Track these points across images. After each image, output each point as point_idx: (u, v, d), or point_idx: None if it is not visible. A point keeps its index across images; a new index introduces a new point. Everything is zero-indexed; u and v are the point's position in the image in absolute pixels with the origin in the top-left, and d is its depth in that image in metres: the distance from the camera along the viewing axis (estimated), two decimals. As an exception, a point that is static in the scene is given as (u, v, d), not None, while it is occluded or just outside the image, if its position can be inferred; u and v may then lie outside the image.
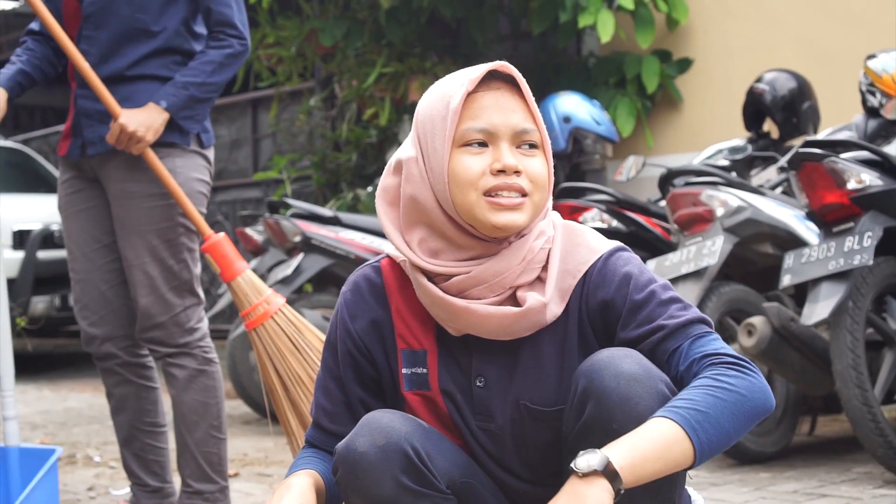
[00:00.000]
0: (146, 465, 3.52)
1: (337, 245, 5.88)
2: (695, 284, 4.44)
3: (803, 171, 4.18)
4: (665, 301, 1.93)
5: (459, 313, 1.94)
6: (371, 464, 1.86)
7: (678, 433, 1.76)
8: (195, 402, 3.40)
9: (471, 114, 1.93)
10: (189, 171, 3.39)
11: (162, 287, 3.35)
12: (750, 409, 1.82)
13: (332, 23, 7.43)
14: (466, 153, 1.92)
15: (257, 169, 10.12)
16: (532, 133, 1.94)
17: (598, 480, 1.72)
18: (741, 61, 6.98)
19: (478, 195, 1.91)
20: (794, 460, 4.52)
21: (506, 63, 1.96)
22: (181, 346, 3.38)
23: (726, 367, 1.84)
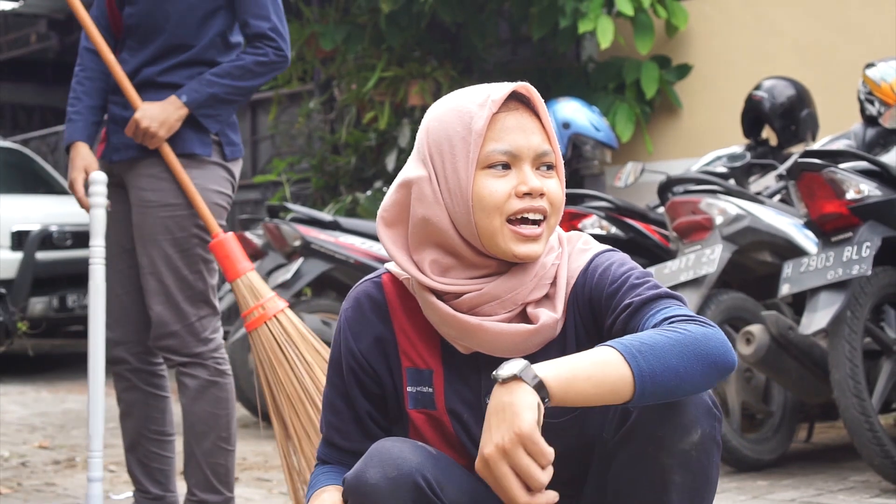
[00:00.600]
0: (149, 473, 3.53)
1: (336, 249, 5.89)
2: (694, 292, 4.45)
3: (802, 180, 4.20)
4: (637, 284, 1.91)
5: (471, 331, 1.93)
6: (383, 496, 1.84)
7: (614, 357, 1.73)
8: (205, 413, 3.38)
9: (493, 135, 1.91)
10: (207, 182, 3.39)
11: (176, 296, 3.34)
12: (705, 354, 1.77)
13: (333, 27, 7.45)
14: (490, 176, 1.91)
15: (256, 171, 10.13)
16: (550, 155, 1.94)
17: (519, 386, 1.70)
18: (740, 68, 7.00)
19: (501, 221, 1.90)
20: (792, 468, 4.54)
21: (527, 84, 1.94)
22: (194, 355, 3.37)
23: (686, 320, 1.81)
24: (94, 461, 3.44)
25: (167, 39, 3.39)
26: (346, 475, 1.91)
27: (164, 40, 3.39)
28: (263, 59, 3.38)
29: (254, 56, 3.37)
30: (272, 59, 3.39)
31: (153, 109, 3.31)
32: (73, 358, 10.02)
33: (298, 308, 5.84)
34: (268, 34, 3.37)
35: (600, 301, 1.93)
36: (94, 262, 3.47)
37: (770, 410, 4.64)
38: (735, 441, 4.43)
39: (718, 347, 1.79)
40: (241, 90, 3.39)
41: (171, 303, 3.34)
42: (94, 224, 3.49)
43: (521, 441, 1.68)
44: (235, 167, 3.50)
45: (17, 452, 5.34)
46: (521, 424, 1.67)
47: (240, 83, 3.37)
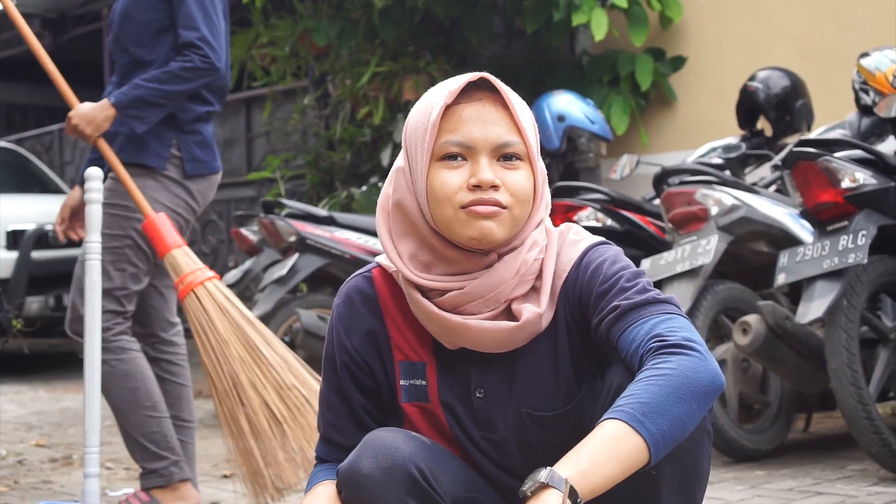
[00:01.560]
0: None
1: (332, 245, 5.88)
2: (689, 283, 4.45)
3: (797, 170, 4.19)
4: (627, 287, 1.90)
5: (455, 329, 1.93)
6: (376, 486, 1.85)
7: (624, 430, 1.72)
8: (122, 391, 3.64)
9: (450, 126, 1.90)
10: (157, 194, 3.69)
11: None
12: (697, 390, 1.76)
13: (326, 22, 7.43)
14: (444, 167, 1.90)
15: (251, 168, 10.12)
16: (514, 145, 1.90)
17: (546, 493, 1.68)
18: (735, 59, 6.99)
19: (454, 210, 1.89)
20: (790, 458, 4.53)
21: (486, 74, 1.92)
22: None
23: (667, 353, 1.79)
24: (90, 457, 3.45)
25: (129, 58, 3.75)
26: (340, 466, 1.91)
27: (127, 60, 3.76)
28: (189, 65, 3.62)
29: (181, 63, 3.63)
30: (198, 66, 3.63)
31: (84, 108, 3.66)
32: (70, 357, 10.00)
33: (295, 304, 5.84)
34: (195, 43, 3.63)
35: (589, 299, 1.93)
36: (90, 257, 3.48)
37: (767, 401, 4.64)
38: (732, 431, 4.42)
39: (707, 377, 1.78)
40: (167, 94, 3.62)
41: (83, 292, 3.54)
42: (90, 220, 3.51)
43: None
44: (197, 183, 3.75)
45: (14, 451, 5.34)
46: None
47: (166, 87, 3.62)
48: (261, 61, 8.09)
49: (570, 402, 1.97)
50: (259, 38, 7.92)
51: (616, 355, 1.90)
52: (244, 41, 7.98)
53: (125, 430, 3.68)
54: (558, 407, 1.96)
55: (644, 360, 1.80)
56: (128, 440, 3.68)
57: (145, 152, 3.69)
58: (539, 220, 1.98)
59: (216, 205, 10.58)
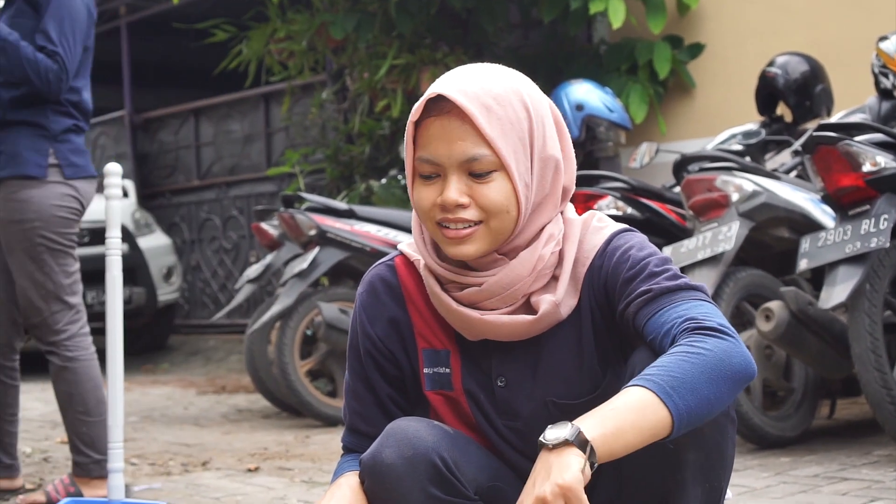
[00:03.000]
0: (5, 447, 4.18)
1: (352, 238, 5.89)
2: (711, 270, 4.43)
3: (818, 154, 4.17)
4: (656, 272, 1.88)
5: (474, 324, 1.94)
6: (399, 476, 1.85)
7: (652, 400, 1.71)
8: (62, 392, 4.00)
9: (423, 142, 1.90)
10: (45, 199, 3.93)
11: (33, 295, 3.94)
12: (730, 374, 1.75)
13: (343, 16, 7.42)
14: (421, 184, 1.91)
15: (271, 163, 10.13)
16: (483, 158, 1.86)
17: (568, 450, 1.68)
18: (753, 45, 6.96)
19: (433, 225, 1.90)
20: (815, 444, 4.52)
21: (447, 87, 1.87)
22: (49, 343, 3.98)
23: (703, 334, 1.78)
24: (114, 452, 3.47)
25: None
26: (363, 456, 1.91)
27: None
28: (53, 68, 3.89)
29: (48, 63, 3.89)
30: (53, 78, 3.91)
31: None
32: (94, 354, 10.05)
33: (316, 297, 5.85)
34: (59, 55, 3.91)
35: (616, 285, 1.91)
36: (111, 253, 3.50)
37: (791, 387, 4.62)
38: (757, 418, 4.41)
39: (740, 362, 1.77)
40: (18, 59, 3.85)
41: (29, 301, 3.95)
42: (110, 216, 3.53)
43: (563, 493, 1.66)
44: (80, 184, 4.02)
45: (39, 448, 5.37)
46: (565, 476, 1.66)
47: (23, 56, 3.85)
48: (278, 56, 8.09)
49: (594, 389, 1.96)
50: (276, 32, 7.92)
51: (640, 341, 1.89)
52: (262, 36, 7.98)
53: (63, 423, 4.05)
54: (583, 395, 1.96)
55: (678, 339, 1.79)
56: (67, 430, 4.03)
57: (25, 164, 3.94)
58: (551, 216, 1.95)
59: (237, 200, 10.61)
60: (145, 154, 11.67)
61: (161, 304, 9.60)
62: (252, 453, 5.09)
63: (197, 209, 11.05)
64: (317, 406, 5.83)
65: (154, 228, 9.88)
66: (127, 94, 11.51)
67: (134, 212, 9.68)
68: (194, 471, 4.70)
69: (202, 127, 11.17)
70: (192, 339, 10.46)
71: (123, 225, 9.02)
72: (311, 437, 5.53)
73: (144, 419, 6.49)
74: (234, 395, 7.56)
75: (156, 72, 13.23)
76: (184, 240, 11.08)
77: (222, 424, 6.22)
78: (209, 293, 10.90)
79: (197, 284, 11.02)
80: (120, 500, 3.48)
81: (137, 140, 11.65)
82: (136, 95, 11.65)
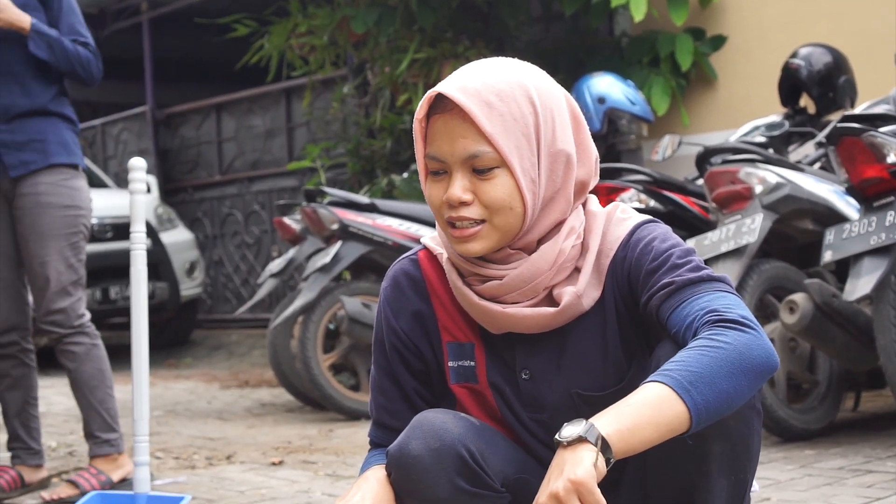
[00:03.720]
0: (30, 432, 4.22)
1: (374, 232, 5.89)
2: (735, 262, 4.42)
3: (842, 145, 4.15)
4: (679, 264, 1.88)
5: (496, 317, 1.94)
6: (426, 468, 1.85)
7: (669, 395, 1.70)
8: (94, 370, 4.12)
9: (430, 139, 1.91)
10: (87, 189, 4.16)
11: (65, 281, 4.04)
12: (750, 367, 1.74)
13: (364, 10, 7.42)
14: (431, 180, 1.93)
15: (292, 157, 10.15)
16: (485, 156, 1.86)
17: (581, 446, 1.68)
18: (776, 37, 6.93)
19: (443, 222, 1.92)
20: (839, 437, 4.50)
21: (446, 87, 1.88)
22: (76, 327, 4.08)
23: (724, 326, 1.77)
24: (140, 446, 3.49)
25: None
26: (389, 448, 1.91)
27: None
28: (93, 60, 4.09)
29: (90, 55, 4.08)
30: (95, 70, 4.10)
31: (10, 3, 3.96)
32: (117, 350, 10.07)
33: (339, 291, 5.86)
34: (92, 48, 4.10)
35: (639, 276, 1.91)
36: (136, 247, 3.53)
37: (816, 379, 4.60)
38: (781, 411, 4.39)
39: (761, 355, 1.76)
40: (69, 58, 4.00)
41: (61, 286, 4.03)
42: (135, 210, 3.55)
43: (576, 489, 1.66)
44: None
45: (64, 442, 5.40)
46: (578, 472, 1.66)
47: (72, 54, 4.01)
48: (299, 51, 8.10)
49: (620, 381, 1.96)
50: (297, 27, 7.94)
51: (664, 333, 1.88)
52: (283, 31, 7.99)
53: (88, 404, 4.12)
54: (609, 386, 1.96)
55: (699, 333, 1.78)
56: (89, 413, 4.12)
57: (74, 154, 4.11)
58: (565, 209, 1.93)
59: (258, 195, 10.64)
60: (167, 149, 11.71)
61: (184, 299, 9.64)
62: (276, 447, 5.11)
63: (219, 204, 11.08)
64: (340, 400, 5.84)
65: (176, 223, 9.92)
66: (149, 89, 11.54)
67: (156, 207, 9.72)
68: (219, 464, 4.71)
69: (224, 122, 11.20)
70: (214, 333, 10.49)
71: (146, 220, 9.05)
72: (334, 431, 5.54)
73: (168, 413, 6.52)
74: (258, 389, 7.58)
75: (178, 67, 13.27)
76: (206, 235, 11.11)
77: (246, 418, 6.24)
78: (231, 288, 10.94)
79: (219, 279, 11.05)
80: (146, 494, 3.50)
81: (159, 135, 11.69)
82: (158, 91, 11.68)
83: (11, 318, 4.13)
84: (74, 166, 4.10)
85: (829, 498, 3.46)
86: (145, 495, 3.50)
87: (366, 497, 1.90)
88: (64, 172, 4.06)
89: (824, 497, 3.48)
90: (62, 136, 4.07)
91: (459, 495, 1.86)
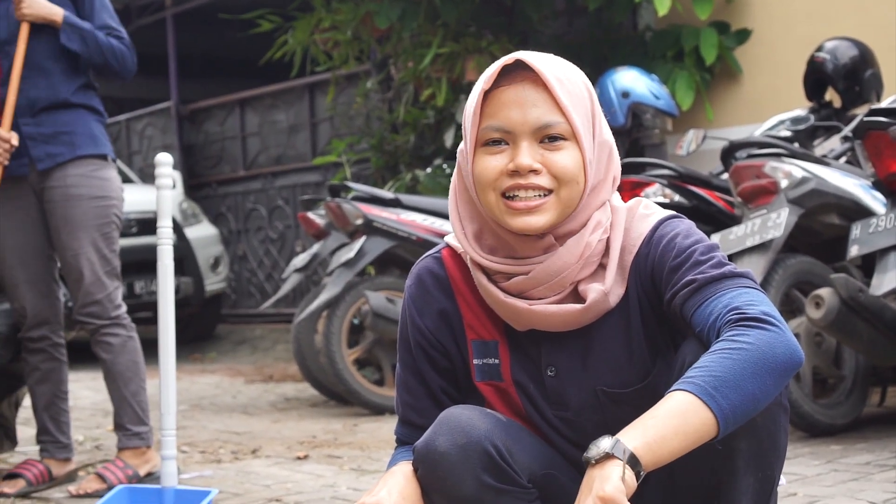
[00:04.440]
0: (59, 426, 4.21)
1: (399, 227, 5.90)
2: (760, 257, 4.40)
3: (868, 139, 4.13)
4: (702, 260, 1.87)
5: (522, 314, 1.94)
6: (452, 464, 1.86)
7: (694, 403, 1.70)
8: (129, 362, 4.11)
9: (491, 111, 1.90)
10: (117, 180, 4.17)
11: (100, 271, 4.05)
12: (774, 366, 1.73)
13: (387, 5, 7.43)
14: (486, 153, 1.91)
15: (316, 153, 10.17)
16: (557, 125, 1.88)
17: (609, 462, 1.69)
18: (801, 30, 6.89)
19: (496, 196, 1.89)
20: (866, 432, 4.48)
21: (524, 55, 1.90)
22: (114, 318, 4.09)
23: (745, 325, 1.76)
24: (167, 440, 3.51)
25: None
26: (416, 444, 1.92)
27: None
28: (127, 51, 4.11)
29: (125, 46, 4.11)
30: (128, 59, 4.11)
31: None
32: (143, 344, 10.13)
33: (363, 286, 5.87)
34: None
35: (662, 273, 1.91)
36: (162, 242, 3.54)
37: (842, 374, 4.59)
38: (807, 406, 4.38)
39: (785, 353, 1.75)
40: (103, 50, 4.02)
41: (96, 277, 4.05)
42: (161, 205, 3.57)
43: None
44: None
45: (91, 436, 5.43)
46: (606, 488, 1.67)
47: (106, 46, 4.02)
48: (323, 46, 8.11)
49: (645, 378, 1.96)
50: (321, 22, 7.94)
51: (689, 330, 1.88)
52: (306, 26, 8.00)
53: (121, 396, 4.11)
54: (634, 383, 1.96)
55: (721, 332, 1.78)
56: (122, 405, 4.11)
57: (102, 145, 4.12)
58: (603, 201, 1.96)
59: (282, 190, 10.67)
60: (192, 145, 11.75)
61: (208, 294, 9.68)
62: (301, 441, 5.12)
63: (243, 199, 11.11)
64: (364, 394, 5.86)
65: (201, 219, 9.95)
66: (173, 85, 11.59)
67: (181, 202, 9.75)
68: (244, 458, 4.73)
69: (248, 117, 11.23)
70: (239, 328, 10.53)
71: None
72: (358, 426, 5.55)
73: (194, 407, 6.55)
74: (282, 383, 7.61)
75: (201, 63, 13.31)
76: (230, 230, 11.15)
77: (271, 413, 6.27)
78: (256, 283, 10.97)
79: (243, 274, 11.09)
80: (173, 487, 3.52)
81: (184, 131, 11.74)
82: (183, 86, 11.72)
83: (42, 313, 4.14)
84: (103, 157, 4.11)
85: (855, 493, 3.45)
86: (172, 489, 3.52)
87: (392, 492, 1.91)
88: (93, 163, 4.08)
89: (850, 492, 3.47)
90: (89, 127, 4.09)
91: (486, 491, 1.87)
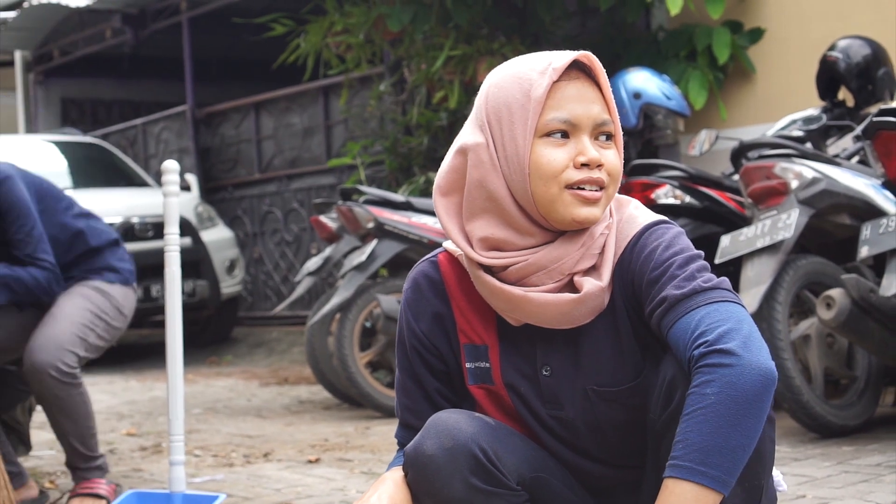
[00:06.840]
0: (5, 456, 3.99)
1: (410, 230, 5.91)
2: (771, 258, 4.39)
3: (879, 139, 4.11)
4: (677, 274, 1.87)
5: (518, 302, 1.93)
6: (439, 467, 1.88)
7: (690, 489, 1.72)
8: (81, 415, 3.93)
9: (553, 104, 1.90)
10: (125, 301, 4.14)
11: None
12: (747, 405, 1.72)
13: (399, 7, 7.43)
14: (549, 144, 1.90)
15: (330, 156, 10.19)
16: (609, 124, 1.93)
17: None
18: (814, 29, 6.87)
19: (559, 188, 1.89)
20: (878, 433, 4.47)
21: (589, 54, 1.93)
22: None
23: (708, 367, 1.74)
24: (175, 445, 3.51)
25: None
26: (406, 448, 1.94)
27: None
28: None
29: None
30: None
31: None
32: (159, 347, 10.16)
33: (375, 289, 5.88)
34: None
35: (642, 286, 1.91)
36: (170, 249, 3.54)
37: (854, 375, 4.57)
38: (819, 407, 4.36)
39: (753, 383, 1.74)
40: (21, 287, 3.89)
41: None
42: (168, 212, 3.57)
43: None
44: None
45: (105, 440, 5.45)
46: None
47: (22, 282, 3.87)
48: (336, 49, 8.12)
49: (636, 376, 1.96)
50: (334, 26, 7.95)
51: (670, 349, 1.88)
52: (319, 30, 8.02)
53: (72, 436, 3.93)
54: (625, 382, 1.96)
55: (690, 370, 1.78)
56: (69, 446, 3.95)
57: (115, 273, 4.10)
58: (611, 201, 1.98)
59: (297, 193, 10.69)
60: (207, 148, 11.78)
61: (224, 297, 9.70)
62: (313, 444, 5.14)
63: (258, 202, 11.14)
64: (376, 397, 5.86)
65: (217, 222, 9.98)
66: (189, 88, 11.62)
67: (197, 205, 9.78)
68: (256, 462, 4.75)
69: (263, 120, 11.26)
70: (255, 331, 10.56)
71: (186, 219, 9.12)
72: (370, 428, 5.56)
73: (208, 411, 6.56)
74: (296, 386, 7.62)
75: (216, 66, 13.35)
76: (246, 233, 11.18)
77: (284, 416, 6.28)
78: (271, 285, 11.00)
79: (259, 277, 11.12)
80: (181, 492, 3.53)
81: (199, 134, 11.77)
82: (198, 90, 11.76)
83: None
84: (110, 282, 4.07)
85: (865, 495, 3.44)
86: (181, 494, 3.53)
87: (382, 498, 1.93)
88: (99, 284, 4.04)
89: (861, 494, 3.45)
90: (101, 275, 4.06)
91: (474, 494, 1.88)
